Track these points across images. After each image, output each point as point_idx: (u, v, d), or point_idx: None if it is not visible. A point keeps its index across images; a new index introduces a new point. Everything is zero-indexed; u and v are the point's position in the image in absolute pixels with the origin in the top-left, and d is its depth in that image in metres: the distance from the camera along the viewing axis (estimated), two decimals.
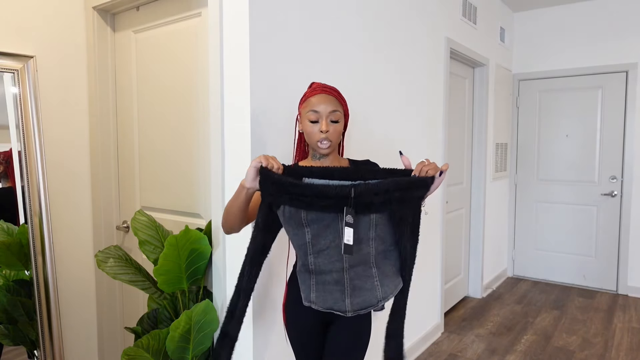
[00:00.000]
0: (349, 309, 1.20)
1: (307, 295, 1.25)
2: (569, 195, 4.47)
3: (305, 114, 1.40)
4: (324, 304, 1.21)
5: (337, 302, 1.20)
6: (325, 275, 1.20)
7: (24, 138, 2.12)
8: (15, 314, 2.02)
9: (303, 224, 1.18)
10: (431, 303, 3.23)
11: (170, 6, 2.12)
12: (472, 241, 4.16)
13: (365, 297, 1.20)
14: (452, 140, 3.62)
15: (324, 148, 1.38)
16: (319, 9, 2.01)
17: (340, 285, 1.19)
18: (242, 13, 1.69)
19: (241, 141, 1.72)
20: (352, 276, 1.19)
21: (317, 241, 1.17)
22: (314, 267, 1.18)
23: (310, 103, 1.40)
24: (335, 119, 1.39)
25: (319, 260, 1.17)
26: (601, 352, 3.05)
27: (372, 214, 1.16)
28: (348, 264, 1.17)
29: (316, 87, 1.44)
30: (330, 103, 1.39)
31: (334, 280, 1.20)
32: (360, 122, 2.31)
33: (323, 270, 1.19)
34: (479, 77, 4.02)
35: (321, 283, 1.21)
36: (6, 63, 2.08)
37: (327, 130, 1.36)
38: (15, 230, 2.09)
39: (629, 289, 4.22)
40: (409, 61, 2.77)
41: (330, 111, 1.38)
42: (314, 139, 1.39)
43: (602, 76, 4.27)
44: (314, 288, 1.22)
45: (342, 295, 1.20)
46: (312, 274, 1.22)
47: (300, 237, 1.18)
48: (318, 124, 1.38)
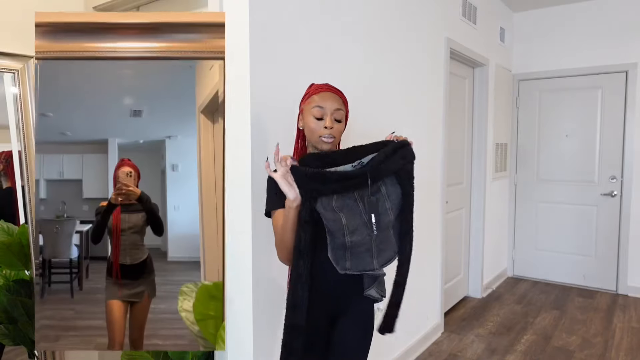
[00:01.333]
0: (377, 266, 1.37)
1: (342, 265, 1.37)
2: (568, 195, 4.47)
3: (310, 109, 1.42)
4: (357, 268, 1.36)
5: (368, 264, 1.37)
6: (358, 248, 1.35)
7: (24, 138, 2.12)
8: (15, 314, 2.02)
9: (336, 211, 1.32)
10: (431, 303, 3.23)
11: (170, 6, 2.12)
12: (472, 241, 4.16)
13: (387, 254, 1.38)
14: (452, 140, 3.62)
15: (327, 141, 1.40)
16: (319, 9, 2.01)
17: (369, 252, 1.36)
18: (242, 12, 1.69)
19: (241, 141, 1.72)
20: (377, 243, 1.36)
21: (349, 223, 1.33)
22: (350, 244, 1.34)
23: (315, 100, 1.42)
24: (338, 118, 1.43)
25: (354, 238, 1.33)
26: (601, 352, 3.06)
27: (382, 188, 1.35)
28: (375, 235, 1.35)
29: (321, 85, 1.46)
30: (336, 101, 1.42)
31: (364, 250, 1.36)
32: (359, 122, 2.31)
33: (357, 244, 1.35)
34: (479, 77, 4.02)
35: (355, 254, 1.36)
36: (6, 63, 2.08)
37: (331, 127, 1.39)
38: (15, 230, 2.09)
39: (629, 289, 4.23)
40: (409, 61, 2.77)
41: (335, 109, 1.41)
42: (316, 134, 1.41)
43: (602, 76, 4.27)
44: (349, 258, 1.37)
45: (370, 259, 1.36)
46: (347, 250, 1.36)
47: (337, 222, 1.33)
48: (322, 120, 1.40)
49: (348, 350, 1.50)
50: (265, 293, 1.80)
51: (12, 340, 2.03)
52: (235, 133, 1.74)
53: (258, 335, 1.77)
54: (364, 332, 1.53)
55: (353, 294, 1.50)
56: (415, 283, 2.96)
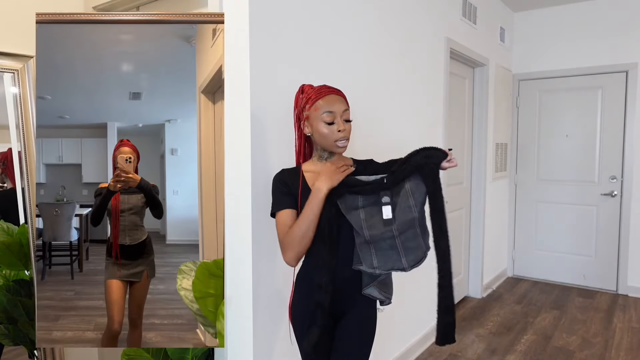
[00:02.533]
0: (406, 265, 1.39)
1: (369, 263, 1.40)
2: (568, 195, 4.47)
3: (319, 116, 1.43)
4: (385, 267, 1.39)
5: (396, 263, 1.39)
6: (380, 243, 1.39)
7: (24, 138, 2.12)
8: (15, 314, 2.02)
9: (358, 207, 1.41)
10: (431, 303, 3.23)
11: (170, 6, 2.12)
12: (472, 241, 4.16)
13: (416, 253, 1.40)
14: (452, 140, 3.62)
15: (342, 146, 1.44)
16: (319, 9, 2.01)
17: (394, 249, 1.39)
18: (242, 12, 1.69)
19: (241, 141, 1.72)
20: (403, 240, 1.39)
21: (368, 218, 1.40)
22: (370, 238, 1.38)
23: (322, 105, 1.43)
24: (348, 118, 1.46)
25: (373, 232, 1.38)
26: (601, 352, 3.06)
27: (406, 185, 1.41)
28: (398, 232, 1.38)
29: (322, 89, 1.45)
30: (342, 103, 1.46)
31: (388, 247, 1.39)
32: (360, 122, 2.31)
33: (377, 239, 1.39)
34: (479, 77, 4.02)
35: (379, 250, 1.39)
36: (6, 63, 2.08)
37: (344, 129, 1.43)
38: (15, 230, 2.09)
39: (629, 289, 4.23)
40: (409, 61, 2.77)
41: (344, 110, 1.45)
42: (330, 139, 1.43)
43: (602, 76, 4.27)
44: (375, 255, 1.40)
45: (398, 257, 1.39)
46: (370, 244, 1.39)
47: (356, 216, 1.40)
48: (334, 125, 1.42)
49: (351, 349, 1.50)
50: (265, 290, 1.80)
51: (12, 340, 2.03)
52: (236, 118, 1.72)
53: (258, 332, 1.77)
54: (366, 332, 1.54)
55: (356, 293, 1.50)
56: (416, 282, 2.96)
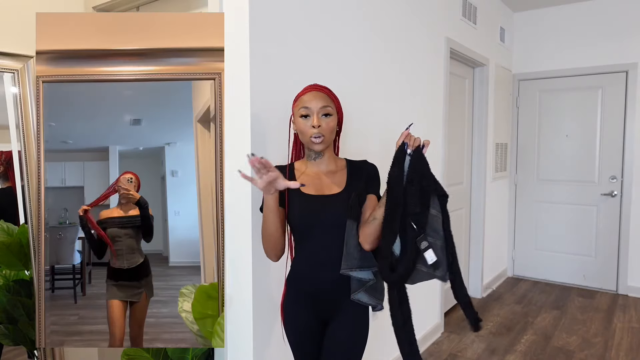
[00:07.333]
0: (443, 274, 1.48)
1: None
2: (568, 195, 4.47)
3: (297, 111, 1.43)
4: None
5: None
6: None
7: (24, 138, 2.12)
8: (15, 314, 2.02)
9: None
10: (431, 303, 3.23)
11: (170, 6, 2.12)
12: (472, 241, 4.16)
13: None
14: (452, 140, 3.62)
15: (317, 143, 1.39)
16: (319, 8, 2.01)
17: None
18: (242, 12, 1.69)
19: (241, 142, 1.72)
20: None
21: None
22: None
23: (302, 101, 1.43)
24: (326, 113, 1.40)
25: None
26: (601, 352, 3.06)
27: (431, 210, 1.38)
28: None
29: (307, 86, 1.48)
30: (321, 99, 1.41)
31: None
32: (359, 122, 2.31)
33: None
34: (479, 77, 4.02)
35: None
36: (6, 63, 2.08)
37: (318, 124, 1.38)
38: (15, 230, 2.09)
39: (629, 289, 4.23)
40: (409, 61, 2.77)
41: (321, 106, 1.40)
42: (307, 135, 1.41)
43: (602, 76, 4.27)
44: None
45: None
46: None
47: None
48: (309, 118, 1.39)
49: (340, 354, 1.46)
50: (265, 291, 1.80)
51: (12, 340, 2.03)
52: (235, 135, 1.74)
53: (257, 331, 1.77)
54: (355, 336, 1.49)
55: (344, 297, 1.46)
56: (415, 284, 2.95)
